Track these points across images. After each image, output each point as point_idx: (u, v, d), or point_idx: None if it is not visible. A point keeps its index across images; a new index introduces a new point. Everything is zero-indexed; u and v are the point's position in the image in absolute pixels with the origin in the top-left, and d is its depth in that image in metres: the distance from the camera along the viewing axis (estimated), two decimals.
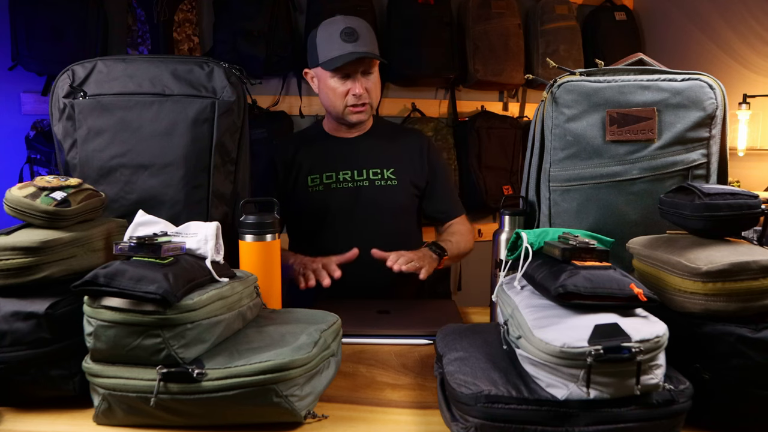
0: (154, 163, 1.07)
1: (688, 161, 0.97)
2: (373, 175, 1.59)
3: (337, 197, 1.56)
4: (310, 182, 1.59)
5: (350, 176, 1.58)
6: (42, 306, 0.77)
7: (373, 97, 1.56)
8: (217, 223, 0.87)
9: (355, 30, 1.46)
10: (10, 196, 0.84)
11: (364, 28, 1.50)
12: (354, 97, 1.52)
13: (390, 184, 1.59)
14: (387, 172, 1.60)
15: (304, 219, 1.58)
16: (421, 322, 1.15)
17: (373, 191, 1.58)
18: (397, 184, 1.59)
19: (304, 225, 1.59)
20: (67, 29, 2.26)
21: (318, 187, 1.58)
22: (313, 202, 1.57)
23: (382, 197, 1.57)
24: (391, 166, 1.60)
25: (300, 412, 0.75)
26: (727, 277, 0.71)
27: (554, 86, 1.00)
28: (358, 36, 1.46)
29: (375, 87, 1.55)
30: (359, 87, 1.50)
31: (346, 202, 1.56)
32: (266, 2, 2.44)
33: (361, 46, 1.46)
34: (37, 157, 2.34)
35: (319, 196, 1.57)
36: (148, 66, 1.10)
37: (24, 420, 0.77)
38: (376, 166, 1.60)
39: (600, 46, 2.96)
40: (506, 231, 1.11)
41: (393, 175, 1.60)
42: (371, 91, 1.54)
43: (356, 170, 1.59)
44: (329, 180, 1.58)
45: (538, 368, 0.66)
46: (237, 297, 0.84)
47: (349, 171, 1.59)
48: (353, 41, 1.46)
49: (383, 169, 1.60)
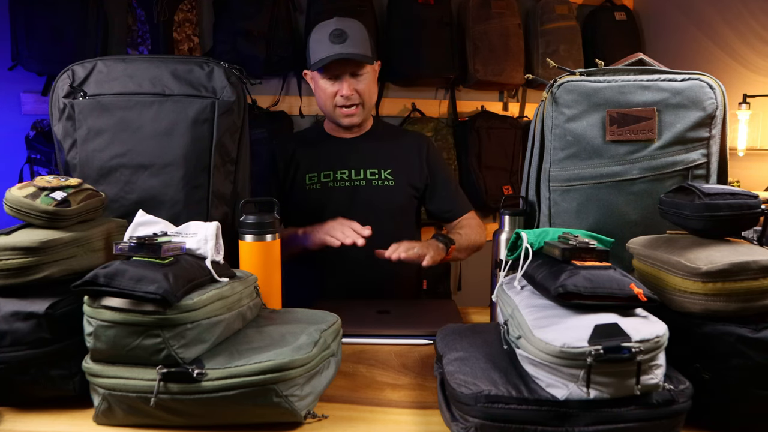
0: (154, 163, 1.07)
1: (688, 161, 0.97)
2: (370, 174, 1.59)
3: (333, 196, 1.57)
4: (307, 180, 1.59)
5: (347, 176, 1.59)
6: (42, 306, 0.77)
7: (366, 98, 1.56)
8: (217, 223, 0.87)
9: (344, 32, 1.48)
10: (10, 196, 0.84)
11: (356, 30, 1.51)
12: (342, 98, 1.53)
13: (387, 184, 1.59)
14: (384, 173, 1.60)
15: (301, 217, 1.58)
16: (421, 322, 1.15)
17: (369, 191, 1.58)
18: (394, 185, 1.59)
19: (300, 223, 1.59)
20: (67, 29, 2.26)
21: (315, 186, 1.58)
22: (310, 200, 1.58)
23: (378, 197, 1.58)
24: (389, 167, 1.61)
25: (300, 412, 0.75)
26: (727, 277, 0.71)
27: (554, 86, 1.00)
28: (347, 37, 1.47)
29: (367, 88, 1.55)
30: (347, 88, 1.51)
31: (342, 201, 1.56)
32: (266, 2, 2.44)
33: (348, 47, 1.47)
34: (37, 157, 2.34)
35: (315, 194, 1.58)
36: (148, 66, 1.10)
37: (24, 420, 0.77)
38: (373, 166, 1.60)
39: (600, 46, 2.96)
40: (506, 231, 1.12)
41: (390, 175, 1.60)
42: (362, 92, 1.54)
43: (353, 170, 1.59)
44: (327, 179, 1.59)
45: (538, 368, 0.66)
46: (237, 297, 0.84)
47: (346, 170, 1.59)
48: (341, 42, 1.47)
49: (380, 169, 1.60)
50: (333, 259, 1.51)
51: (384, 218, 1.56)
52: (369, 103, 1.58)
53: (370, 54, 1.53)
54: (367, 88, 1.55)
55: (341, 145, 1.63)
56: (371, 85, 1.57)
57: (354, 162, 1.60)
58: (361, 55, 1.49)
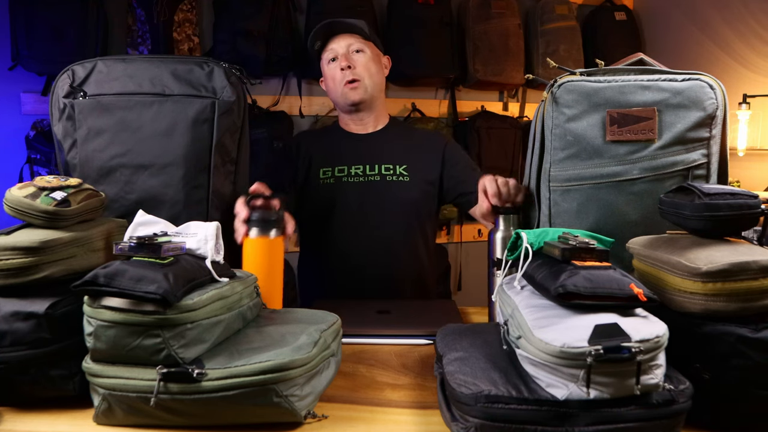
0: (154, 163, 1.07)
1: (688, 161, 0.97)
2: (385, 170, 1.57)
3: (347, 191, 1.55)
4: (321, 174, 1.57)
5: (362, 171, 1.57)
6: (42, 306, 0.77)
7: (365, 75, 1.54)
8: (217, 223, 0.87)
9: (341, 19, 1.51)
10: (10, 196, 0.84)
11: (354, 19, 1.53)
12: (341, 73, 1.53)
13: (402, 180, 1.57)
14: (399, 168, 1.57)
15: (314, 211, 1.58)
16: (421, 322, 1.15)
17: (383, 186, 1.55)
18: (409, 181, 1.57)
19: (313, 217, 1.59)
20: (67, 29, 2.26)
21: (329, 180, 1.56)
22: (323, 194, 1.55)
23: (392, 193, 1.55)
24: (404, 162, 1.58)
25: (300, 412, 0.75)
26: (727, 277, 0.71)
27: (554, 86, 1.00)
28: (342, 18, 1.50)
29: (366, 65, 1.55)
30: (344, 58, 1.52)
31: (355, 196, 1.54)
32: (266, 2, 2.44)
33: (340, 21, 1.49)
34: (37, 157, 2.34)
35: (329, 188, 1.56)
36: (148, 66, 1.10)
37: (24, 420, 0.77)
38: (388, 162, 1.58)
39: (600, 46, 2.97)
40: (501, 230, 1.12)
41: (405, 171, 1.57)
42: (360, 67, 1.54)
43: (368, 165, 1.57)
44: (341, 174, 1.57)
45: (538, 368, 0.66)
46: (237, 297, 0.84)
47: (360, 165, 1.57)
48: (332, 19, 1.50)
49: (396, 165, 1.58)
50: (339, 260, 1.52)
51: (397, 215, 1.55)
52: (370, 81, 1.56)
53: (367, 32, 1.53)
54: (365, 66, 1.54)
55: (356, 141, 1.62)
56: (370, 64, 1.56)
57: (369, 157, 1.58)
58: (353, 24, 1.51)
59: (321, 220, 1.56)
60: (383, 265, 1.48)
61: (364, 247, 1.49)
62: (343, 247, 1.51)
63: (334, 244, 1.50)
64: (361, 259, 1.49)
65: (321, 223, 1.56)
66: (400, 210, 1.55)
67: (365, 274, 1.51)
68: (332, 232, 1.55)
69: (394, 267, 1.49)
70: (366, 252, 1.46)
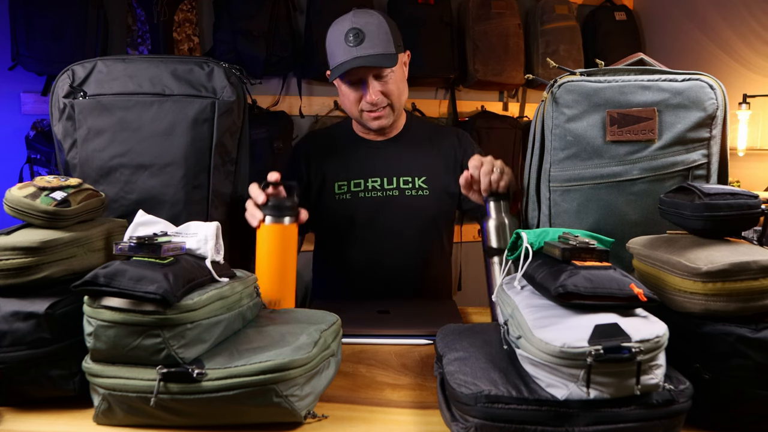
0: (154, 163, 1.07)
1: (688, 161, 0.97)
2: (403, 183, 1.49)
3: (364, 207, 1.48)
4: (336, 189, 1.49)
5: (379, 184, 1.48)
6: (42, 306, 0.77)
7: (394, 98, 1.43)
8: (217, 223, 0.87)
9: (360, 30, 1.34)
10: (10, 196, 0.84)
11: (374, 26, 1.36)
12: (368, 104, 1.42)
13: (421, 194, 1.49)
14: (419, 181, 1.49)
15: (330, 227, 1.52)
16: (421, 322, 1.15)
17: (402, 201, 1.48)
18: (428, 194, 1.49)
19: (328, 233, 1.54)
20: (67, 29, 2.25)
21: (345, 196, 1.49)
22: (339, 210, 1.48)
23: (411, 208, 1.48)
24: (423, 174, 1.50)
25: (300, 412, 0.75)
26: (727, 277, 0.71)
27: (554, 86, 1.00)
28: (364, 37, 1.33)
29: (395, 88, 1.42)
30: (371, 94, 1.39)
31: (373, 212, 1.47)
32: (266, 2, 2.44)
33: (367, 48, 1.33)
34: (37, 157, 2.34)
35: (344, 205, 1.48)
36: (148, 66, 1.10)
37: (24, 420, 0.77)
38: (407, 174, 1.49)
39: (600, 46, 2.96)
40: (493, 218, 1.11)
41: (425, 183, 1.49)
42: (390, 93, 1.42)
43: (386, 178, 1.49)
44: (357, 188, 1.49)
45: (538, 368, 0.66)
46: (237, 297, 0.84)
47: (378, 179, 1.49)
48: (358, 44, 1.33)
49: (414, 177, 1.49)
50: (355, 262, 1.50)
51: (415, 231, 1.49)
52: (398, 103, 1.45)
53: (393, 50, 1.37)
54: (395, 88, 1.42)
55: (372, 150, 1.52)
56: (399, 83, 1.44)
57: (386, 169, 1.49)
58: (382, 56, 1.35)
59: (337, 235, 1.51)
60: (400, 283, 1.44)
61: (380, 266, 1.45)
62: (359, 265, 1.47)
63: (351, 260, 1.46)
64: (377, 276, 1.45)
65: (337, 239, 1.51)
66: (419, 226, 1.49)
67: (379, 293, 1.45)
68: (348, 247, 1.50)
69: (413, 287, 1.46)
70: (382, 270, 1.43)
